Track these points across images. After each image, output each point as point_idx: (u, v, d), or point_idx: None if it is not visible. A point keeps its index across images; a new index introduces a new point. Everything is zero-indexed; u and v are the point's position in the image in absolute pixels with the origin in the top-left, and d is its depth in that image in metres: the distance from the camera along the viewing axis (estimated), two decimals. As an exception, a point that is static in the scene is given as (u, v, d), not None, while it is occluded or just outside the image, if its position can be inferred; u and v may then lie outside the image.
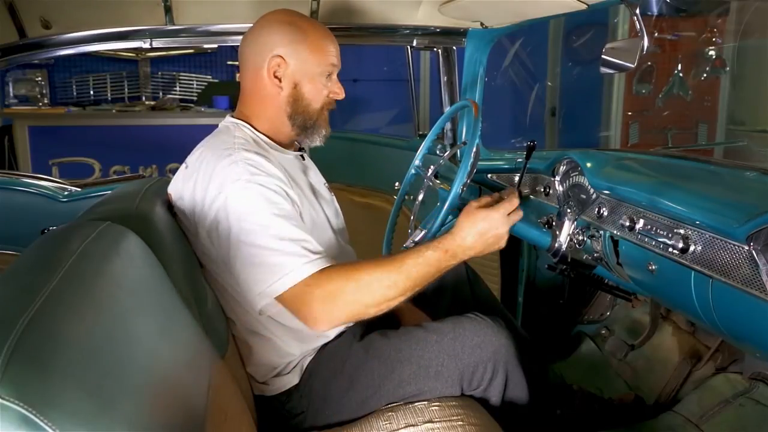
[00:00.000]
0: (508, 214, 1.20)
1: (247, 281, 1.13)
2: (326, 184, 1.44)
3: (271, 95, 1.29)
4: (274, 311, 1.20)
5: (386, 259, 1.16)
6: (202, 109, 4.62)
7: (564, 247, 1.49)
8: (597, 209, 1.42)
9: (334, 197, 1.44)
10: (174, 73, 4.95)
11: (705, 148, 4.15)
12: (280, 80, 1.28)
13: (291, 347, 1.24)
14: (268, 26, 1.29)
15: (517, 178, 1.79)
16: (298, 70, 1.28)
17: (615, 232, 1.35)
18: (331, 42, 1.30)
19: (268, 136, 1.30)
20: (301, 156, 1.38)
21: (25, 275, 0.78)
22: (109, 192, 1.42)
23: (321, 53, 1.28)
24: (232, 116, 1.33)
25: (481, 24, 1.94)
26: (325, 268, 1.12)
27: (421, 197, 1.62)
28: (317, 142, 1.34)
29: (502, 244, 1.21)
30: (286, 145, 1.33)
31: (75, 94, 4.79)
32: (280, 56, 1.26)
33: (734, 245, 1.03)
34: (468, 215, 1.19)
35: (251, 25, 1.34)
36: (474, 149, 1.39)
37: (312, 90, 1.29)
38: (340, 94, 1.32)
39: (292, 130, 1.31)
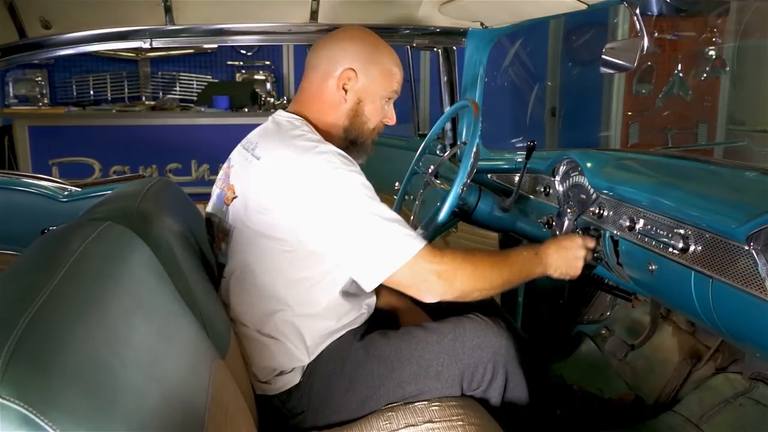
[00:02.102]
0: (587, 247, 1.36)
1: (361, 263, 1.15)
2: None
3: (333, 104, 1.30)
4: (298, 313, 1.23)
5: (492, 253, 1.28)
6: (202, 109, 4.61)
7: (564, 247, 1.49)
8: (597, 209, 1.42)
9: None
10: (174, 73, 4.95)
11: (705, 148, 4.14)
12: (346, 92, 1.29)
13: (301, 352, 1.25)
14: (349, 39, 1.32)
15: (517, 178, 1.79)
16: (365, 88, 1.30)
17: (615, 232, 1.35)
18: (400, 70, 1.34)
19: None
20: None
21: (25, 275, 0.78)
22: (109, 192, 1.42)
23: (389, 78, 1.32)
24: (287, 111, 1.32)
25: (481, 24, 1.94)
26: (436, 249, 1.18)
27: (421, 197, 1.62)
28: (361, 159, 1.33)
29: (579, 266, 1.34)
30: None
31: (75, 94, 4.79)
32: (354, 70, 1.29)
33: (734, 245, 1.03)
34: (553, 237, 1.42)
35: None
36: (474, 149, 1.39)
37: (372, 110, 1.32)
38: (392, 120, 1.36)
39: (342, 141, 1.31)
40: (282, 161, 1.18)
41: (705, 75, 4.22)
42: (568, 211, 1.52)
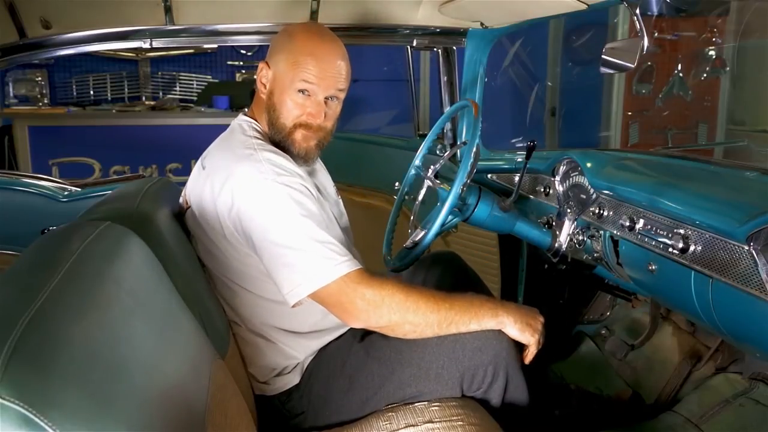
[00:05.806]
0: (540, 328, 1.25)
1: (276, 280, 1.14)
2: (334, 186, 1.44)
3: (261, 101, 1.30)
4: (282, 317, 1.23)
5: (439, 291, 1.19)
6: (202, 109, 4.61)
7: (564, 247, 1.49)
8: (597, 209, 1.42)
9: (340, 199, 1.44)
10: (174, 73, 4.95)
11: (705, 148, 4.14)
12: (265, 87, 1.28)
13: (296, 351, 1.25)
14: (276, 36, 1.32)
15: (517, 178, 1.79)
16: (274, 79, 1.26)
17: (615, 232, 1.35)
18: (313, 59, 1.21)
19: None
20: None
21: (25, 275, 0.78)
22: (109, 192, 1.42)
23: (296, 68, 1.22)
24: (245, 115, 1.34)
25: (481, 24, 1.94)
26: (370, 274, 1.13)
27: (421, 197, 1.62)
28: (300, 161, 1.26)
29: (532, 333, 1.22)
30: None
31: (75, 94, 4.78)
32: (266, 63, 1.28)
33: (734, 245, 1.03)
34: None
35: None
36: (474, 149, 1.39)
37: (282, 102, 1.24)
38: (314, 117, 1.23)
39: (274, 140, 1.28)
40: (219, 170, 1.19)
41: (705, 75, 4.22)
42: (568, 211, 1.52)
